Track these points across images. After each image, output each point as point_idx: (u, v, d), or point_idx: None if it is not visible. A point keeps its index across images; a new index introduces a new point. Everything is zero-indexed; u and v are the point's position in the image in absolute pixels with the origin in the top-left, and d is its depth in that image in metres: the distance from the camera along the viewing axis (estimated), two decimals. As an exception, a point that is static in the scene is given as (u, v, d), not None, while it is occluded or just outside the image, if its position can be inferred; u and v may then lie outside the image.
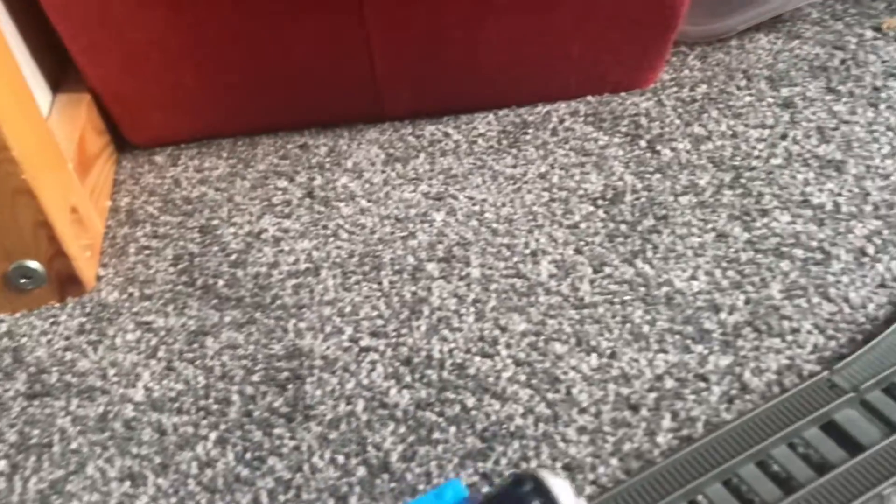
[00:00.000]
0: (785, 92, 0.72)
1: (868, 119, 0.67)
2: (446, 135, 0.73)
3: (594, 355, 0.52)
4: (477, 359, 0.53)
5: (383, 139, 0.74)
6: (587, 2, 0.68)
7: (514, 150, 0.70)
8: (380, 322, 0.56)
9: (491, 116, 0.74)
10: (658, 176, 0.65)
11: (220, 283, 0.61)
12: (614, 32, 0.71)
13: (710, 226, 0.60)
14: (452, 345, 0.54)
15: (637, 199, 0.63)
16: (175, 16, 0.67)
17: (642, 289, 0.56)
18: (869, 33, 0.78)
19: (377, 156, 0.72)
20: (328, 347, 0.55)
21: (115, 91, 0.73)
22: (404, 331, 0.55)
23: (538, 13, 0.69)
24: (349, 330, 0.56)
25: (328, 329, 0.56)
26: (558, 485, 0.35)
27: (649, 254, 0.58)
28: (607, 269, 0.58)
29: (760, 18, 0.79)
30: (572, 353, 0.52)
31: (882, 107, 0.68)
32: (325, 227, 0.65)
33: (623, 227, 0.61)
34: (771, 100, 0.71)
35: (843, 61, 0.74)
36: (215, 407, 0.53)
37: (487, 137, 0.72)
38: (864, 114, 0.68)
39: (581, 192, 0.65)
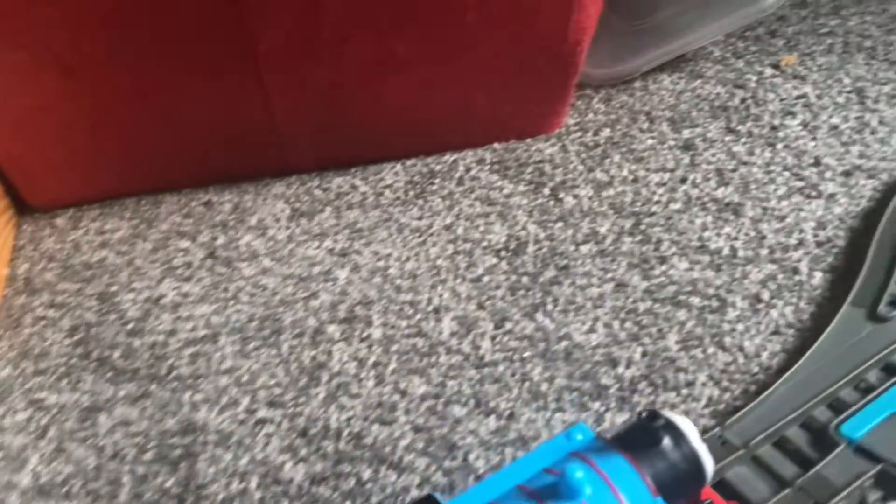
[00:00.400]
0: (686, 133, 0.72)
1: (765, 159, 0.68)
2: (353, 187, 0.72)
3: (492, 417, 0.51)
4: (375, 427, 0.52)
5: (289, 193, 0.73)
6: (487, 52, 0.68)
7: (420, 202, 0.70)
8: (277, 391, 0.55)
9: (399, 167, 0.74)
10: (560, 224, 0.65)
11: (116, 354, 0.59)
12: (516, 81, 0.71)
13: (609, 275, 0.60)
14: (350, 413, 0.53)
15: (539, 249, 0.63)
16: (67, 81, 0.66)
17: (542, 344, 0.55)
18: (768, 70, 0.79)
19: (282, 211, 0.71)
20: (223, 421, 0.54)
21: (10, 154, 0.71)
22: (302, 399, 0.54)
23: (439, 65, 0.68)
24: (246, 401, 0.55)
25: (224, 400, 0.55)
26: (685, 423, 0.37)
27: (550, 307, 0.58)
28: (508, 325, 0.57)
29: (663, 59, 0.80)
30: (471, 416, 0.51)
31: (779, 146, 0.69)
32: (225, 289, 0.64)
33: (525, 279, 0.60)
34: (672, 142, 0.72)
35: (743, 100, 0.75)
36: (105, 490, 0.51)
37: (395, 188, 0.72)
38: (761, 154, 0.69)
39: (485, 243, 0.64)
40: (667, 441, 0.36)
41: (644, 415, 0.37)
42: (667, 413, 0.37)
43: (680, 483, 0.36)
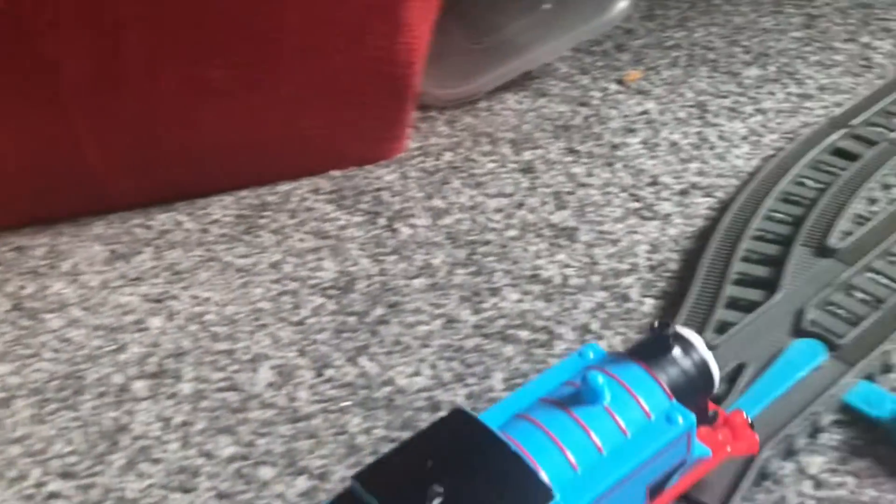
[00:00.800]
0: (527, 155, 0.70)
1: (603, 180, 0.66)
2: (178, 223, 0.68)
3: (303, 478, 0.47)
4: (175, 496, 0.47)
5: (109, 234, 0.67)
6: (312, 77, 0.65)
7: (248, 237, 0.65)
8: (72, 459, 0.50)
9: (229, 199, 0.70)
10: (394, 257, 0.62)
11: None
12: (347, 106, 0.67)
13: (439, 311, 0.57)
14: (150, 481, 0.48)
15: (370, 285, 0.59)
16: None
17: (363, 391, 0.52)
18: (613, 87, 0.78)
19: (99, 254, 0.65)
20: (8, 498, 0.48)
21: None
22: (98, 468, 0.49)
23: (260, 91, 0.65)
24: (37, 472, 0.49)
25: (12, 474, 0.49)
26: (691, 334, 0.39)
27: (374, 349, 0.54)
28: (329, 372, 0.53)
29: (508, 76, 0.78)
30: (280, 478, 0.47)
31: (618, 165, 0.68)
32: (28, 345, 0.58)
33: (351, 319, 0.57)
34: (513, 165, 0.69)
35: (586, 118, 0.74)
36: None
37: (222, 224, 0.67)
38: (600, 175, 0.67)
39: (313, 281, 0.60)
40: (677, 349, 0.38)
41: (656, 325, 0.38)
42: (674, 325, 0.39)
43: (692, 389, 0.38)
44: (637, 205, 0.63)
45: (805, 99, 0.73)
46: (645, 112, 0.74)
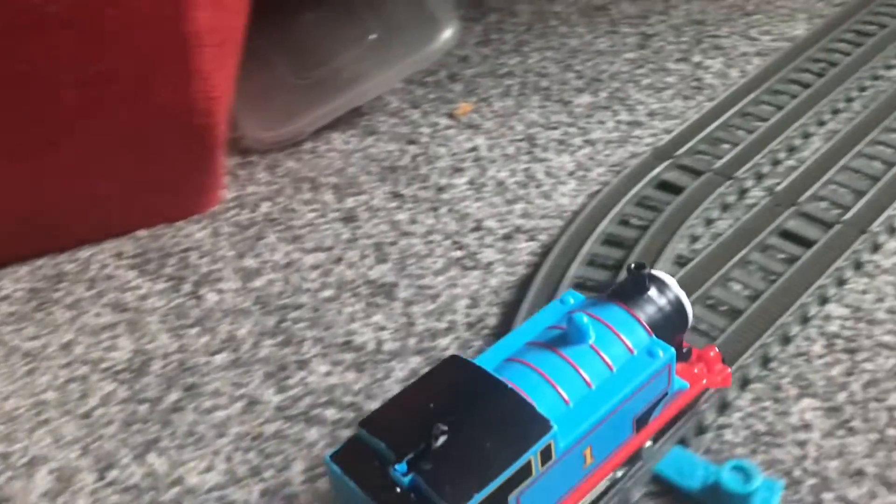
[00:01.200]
0: (350, 202, 0.66)
1: (427, 227, 0.63)
2: (-37, 303, 0.61)
3: None
4: None
5: None
6: (98, 135, 0.59)
7: (40, 315, 0.59)
8: None
9: (24, 270, 0.63)
10: (196, 330, 0.57)
11: None
12: (144, 162, 0.62)
13: (240, 392, 0.52)
14: None
15: (167, 365, 0.54)
16: None
17: (150, 494, 0.47)
18: (444, 121, 0.74)
19: None
20: None
21: None
22: None
23: (40, 155, 0.59)
24: None
25: None
26: (666, 276, 0.42)
27: (165, 442, 0.49)
28: (113, 473, 0.48)
29: (334, 115, 0.74)
30: None
31: (443, 210, 0.64)
32: None
33: (143, 408, 0.52)
34: (334, 214, 0.65)
35: (414, 158, 0.70)
36: None
37: (12, 300, 0.61)
38: (424, 221, 0.63)
39: (106, 364, 0.55)
40: (653, 289, 0.41)
41: (632, 266, 0.40)
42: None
43: (668, 325, 0.41)
44: (460, 253, 0.60)
45: (634, 127, 0.71)
46: (474, 148, 0.70)
